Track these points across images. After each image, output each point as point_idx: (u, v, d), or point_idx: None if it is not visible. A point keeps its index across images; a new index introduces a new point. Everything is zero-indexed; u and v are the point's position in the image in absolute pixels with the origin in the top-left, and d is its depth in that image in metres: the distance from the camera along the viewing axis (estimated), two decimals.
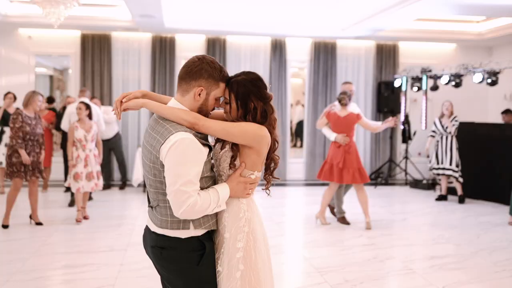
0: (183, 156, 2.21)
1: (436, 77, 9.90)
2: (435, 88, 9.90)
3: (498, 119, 10.50)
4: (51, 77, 14.78)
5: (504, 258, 5.62)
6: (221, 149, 2.44)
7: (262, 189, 2.60)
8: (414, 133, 12.00)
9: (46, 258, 5.43)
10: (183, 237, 2.35)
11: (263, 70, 10.85)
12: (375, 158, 11.40)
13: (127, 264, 5.20)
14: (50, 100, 10.00)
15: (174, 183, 2.21)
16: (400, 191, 10.17)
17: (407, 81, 10.54)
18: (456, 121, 8.70)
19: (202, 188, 2.33)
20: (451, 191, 9.27)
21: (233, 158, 2.38)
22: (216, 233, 2.46)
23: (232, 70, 10.66)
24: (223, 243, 2.41)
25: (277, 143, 2.51)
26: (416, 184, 10.45)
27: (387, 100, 11.02)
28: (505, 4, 7.67)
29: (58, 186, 9.63)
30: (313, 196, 9.61)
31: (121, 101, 2.44)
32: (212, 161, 2.47)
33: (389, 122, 6.85)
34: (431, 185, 10.27)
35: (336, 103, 7.04)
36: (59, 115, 9.06)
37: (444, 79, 9.65)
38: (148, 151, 2.34)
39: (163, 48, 10.57)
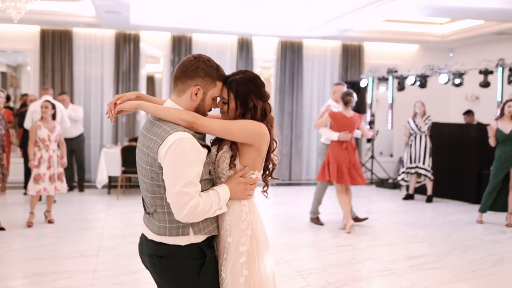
0: (183, 156, 2.11)
1: (402, 78, 10.03)
2: (402, 88, 10.03)
3: (459, 119, 10.74)
4: (3, 74, 14.17)
5: (478, 257, 5.70)
6: (218, 151, 2.36)
7: (261, 191, 2.51)
8: (377, 133, 12.13)
9: (13, 266, 5.14)
10: (182, 244, 2.24)
11: (229, 69, 10.70)
12: None
13: (101, 270, 4.97)
14: (7, 98, 9.54)
15: (174, 185, 2.10)
16: (366, 190, 10.25)
17: (373, 81, 10.64)
18: (429, 120, 8.83)
19: (201, 191, 2.22)
20: (417, 190, 9.40)
21: (233, 157, 2.29)
22: (217, 238, 2.36)
23: None
24: (225, 248, 2.31)
25: (275, 143, 2.44)
26: (382, 183, 10.55)
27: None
28: (470, 6, 7.79)
29: (17, 188, 9.21)
30: (280, 197, 9.54)
31: (115, 103, 2.33)
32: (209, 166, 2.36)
33: (370, 132, 7.00)
34: (397, 184, 10.39)
35: (329, 103, 6.97)
36: (21, 114, 8.65)
37: (410, 79, 9.78)
38: (144, 153, 2.23)
39: (127, 45, 10.27)
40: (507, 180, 7.14)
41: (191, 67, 2.24)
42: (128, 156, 8.58)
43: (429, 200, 8.96)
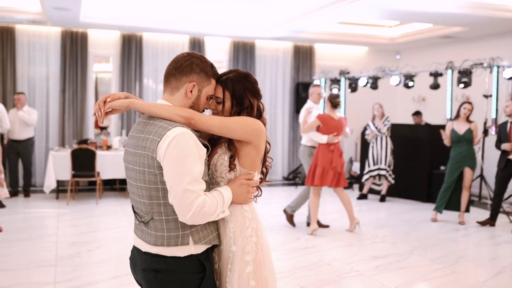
0: (185, 151, 1.98)
1: (354, 79, 10.17)
2: (354, 89, 10.17)
3: (406, 120, 11.02)
4: None
5: (439, 255, 5.83)
6: (212, 155, 2.23)
7: (255, 195, 2.40)
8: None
9: None
10: (182, 255, 2.08)
11: None
12: (292, 158, 11.49)
13: (62, 282, 4.70)
14: None
15: (179, 182, 1.95)
16: None
17: (325, 82, 10.74)
18: (388, 121, 8.96)
19: None
20: (370, 189, 9.53)
21: (232, 158, 2.19)
22: (219, 249, 2.23)
23: (148, 69, 10.26)
24: (229, 258, 2.18)
25: (269, 145, 2.36)
26: None
27: (304, 101, 11.08)
28: (420, 10, 7.95)
29: None
30: None
31: (105, 102, 2.16)
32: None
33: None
34: (349, 184, 10.53)
35: (310, 105, 6.88)
36: None
37: (362, 81, 9.94)
38: (139, 155, 2.07)
39: (73, 43, 9.84)
40: (461, 179, 7.37)
41: (185, 62, 2.14)
42: (78, 159, 8.22)
43: (382, 199, 9.13)
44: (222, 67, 11.47)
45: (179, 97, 2.15)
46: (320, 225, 6.97)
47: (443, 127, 8.30)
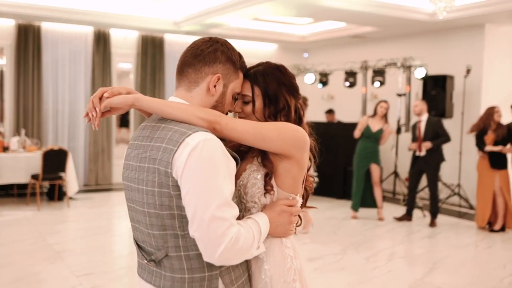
0: (212, 164, 1.47)
1: None
2: None
3: (317, 118, 11.12)
4: None
5: (371, 254, 5.85)
6: (240, 173, 1.70)
7: (302, 233, 1.95)
8: None
9: None
10: None
11: (84, 64, 9.76)
12: None
13: None
14: None
15: (204, 208, 1.44)
16: None
17: None
18: None
19: None
20: None
21: (268, 177, 1.67)
22: None
23: (48, 63, 9.37)
24: None
25: (311, 160, 1.83)
26: None
27: None
28: (333, 7, 7.95)
29: None
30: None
31: (101, 98, 1.60)
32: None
33: None
34: None
35: None
36: None
37: None
38: (146, 171, 1.55)
39: None
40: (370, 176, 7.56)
41: (207, 49, 1.64)
42: None
43: None
44: (126, 61, 10.90)
45: (199, 94, 1.64)
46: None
47: (356, 125, 8.44)
